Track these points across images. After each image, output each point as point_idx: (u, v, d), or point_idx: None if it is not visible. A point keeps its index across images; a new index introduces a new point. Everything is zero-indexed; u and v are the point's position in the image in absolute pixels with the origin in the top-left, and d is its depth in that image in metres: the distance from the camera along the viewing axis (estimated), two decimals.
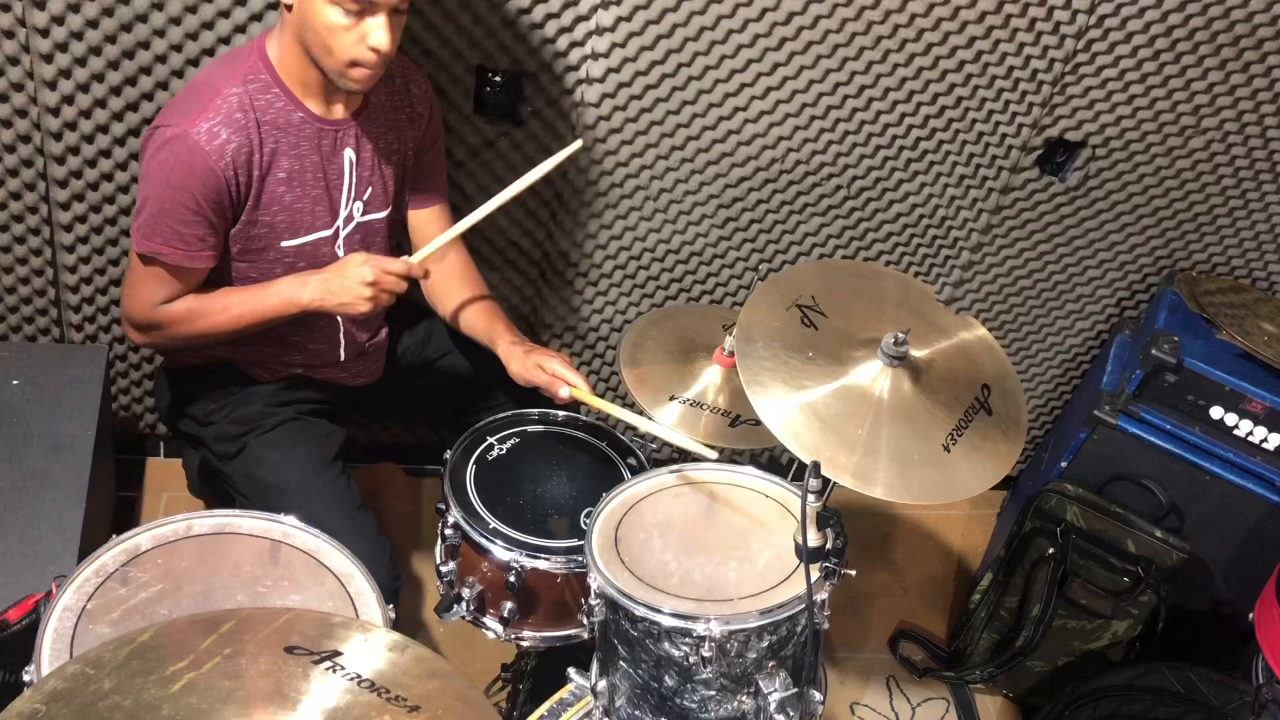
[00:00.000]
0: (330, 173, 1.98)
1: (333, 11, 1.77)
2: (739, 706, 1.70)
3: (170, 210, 1.85)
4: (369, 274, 1.91)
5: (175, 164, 1.83)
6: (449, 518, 1.98)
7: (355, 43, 1.81)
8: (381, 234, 2.11)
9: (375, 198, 2.06)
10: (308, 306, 1.96)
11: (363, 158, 2.01)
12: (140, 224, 1.88)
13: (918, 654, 2.81)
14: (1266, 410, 2.41)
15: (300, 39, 1.84)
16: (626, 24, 2.24)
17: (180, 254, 1.89)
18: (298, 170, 1.94)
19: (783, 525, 1.82)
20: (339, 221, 2.02)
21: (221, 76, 1.88)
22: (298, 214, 1.97)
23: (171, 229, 1.87)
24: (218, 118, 1.84)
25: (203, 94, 1.86)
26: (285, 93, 1.90)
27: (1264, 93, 2.49)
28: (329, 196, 2.00)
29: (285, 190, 1.94)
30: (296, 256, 2.01)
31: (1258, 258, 2.81)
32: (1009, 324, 2.92)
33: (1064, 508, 2.53)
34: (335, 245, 2.04)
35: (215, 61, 1.98)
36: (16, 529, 2.04)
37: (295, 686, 1.28)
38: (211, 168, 1.84)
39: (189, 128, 1.83)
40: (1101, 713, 2.36)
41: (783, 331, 1.94)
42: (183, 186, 1.84)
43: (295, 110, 1.91)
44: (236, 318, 1.98)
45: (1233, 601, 2.60)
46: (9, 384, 2.30)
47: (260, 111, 1.88)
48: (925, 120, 2.49)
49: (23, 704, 1.19)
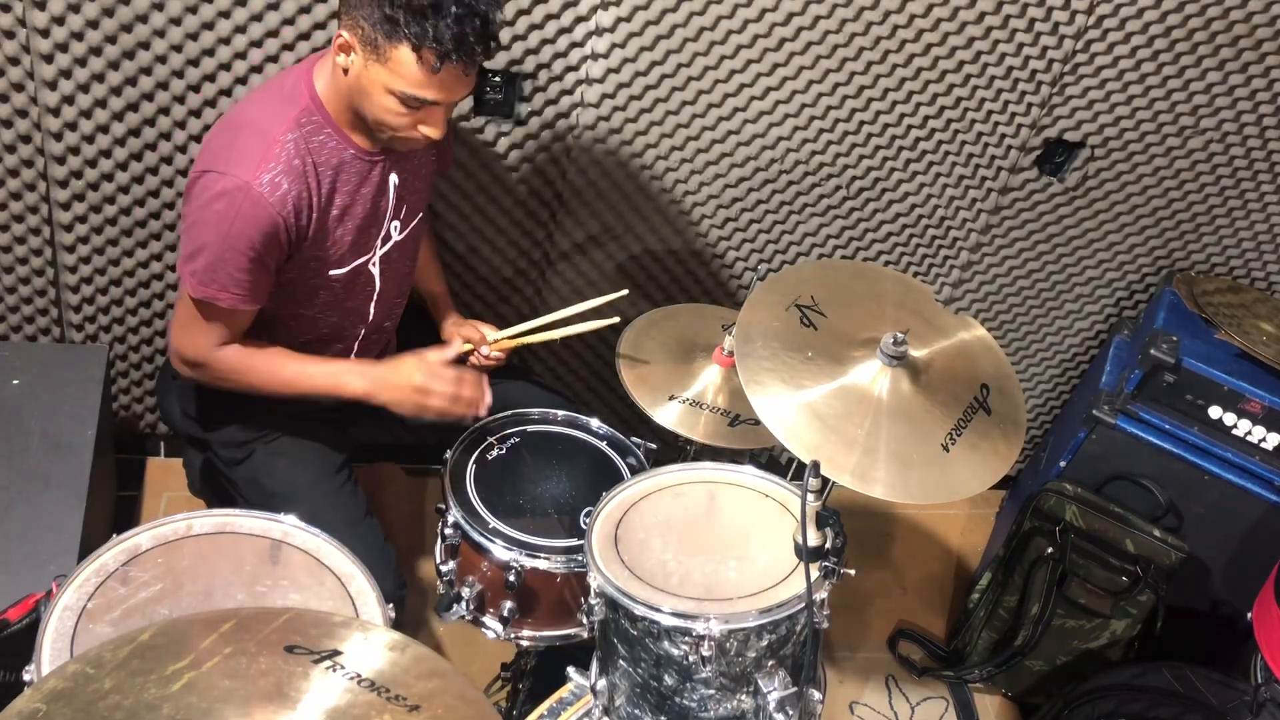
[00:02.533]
0: (380, 202, 1.98)
1: (392, 101, 1.78)
2: (738, 705, 1.70)
3: (229, 259, 1.83)
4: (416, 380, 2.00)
5: (236, 216, 1.80)
6: (449, 517, 1.98)
7: (408, 127, 1.82)
8: (414, 245, 2.13)
9: (410, 212, 2.07)
10: (356, 395, 2.00)
11: (404, 179, 2.01)
12: (196, 269, 1.85)
13: (917, 653, 2.81)
14: (1265, 410, 2.42)
15: (352, 100, 1.84)
16: (626, 24, 2.24)
17: (236, 299, 1.87)
18: (350, 205, 1.94)
19: (782, 525, 1.82)
20: (377, 242, 2.03)
21: (275, 119, 1.84)
22: (346, 246, 1.97)
23: (230, 276, 1.84)
24: (278, 167, 1.81)
25: (258, 140, 1.82)
26: (337, 132, 1.88)
27: (1262, 93, 2.50)
28: (374, 224, 2.00)
29: (338, 226, 1.94)
30: (340, 283, 2.01)
31: (1256, 258, 2.81)
32: (1008, 324, 2.93)
33: (1063, 507, 2.53)
34: (371, 264, 2.04)
35: (261, 97, 1.92)
36: (16, 529, 2.04)
37: (295, 686, 1.29)
38: (274, 219, 1.82)
39: (250, 180, 1.79)
40: (1100, 712, 2.36)
41: (782, 331, 1.94)
42: (243, 237, 1.81)
43: (347, 148, 1.90)
44: (285, 382, 1.99)
45: (1231, 601, 2.60)
46: (9, 384, 2.30)
47: (315, 154, 1.86)
48: (924, 121, 2.49)
49: (23, 703, 1.19)
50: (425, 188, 2.11)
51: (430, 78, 1.73)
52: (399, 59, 1.72)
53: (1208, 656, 2.46)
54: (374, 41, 1.72)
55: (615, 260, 2.62)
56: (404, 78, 1.73)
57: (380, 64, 1.73)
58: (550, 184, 2.47)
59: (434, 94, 1.76)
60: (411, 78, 1.73)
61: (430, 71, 1.72)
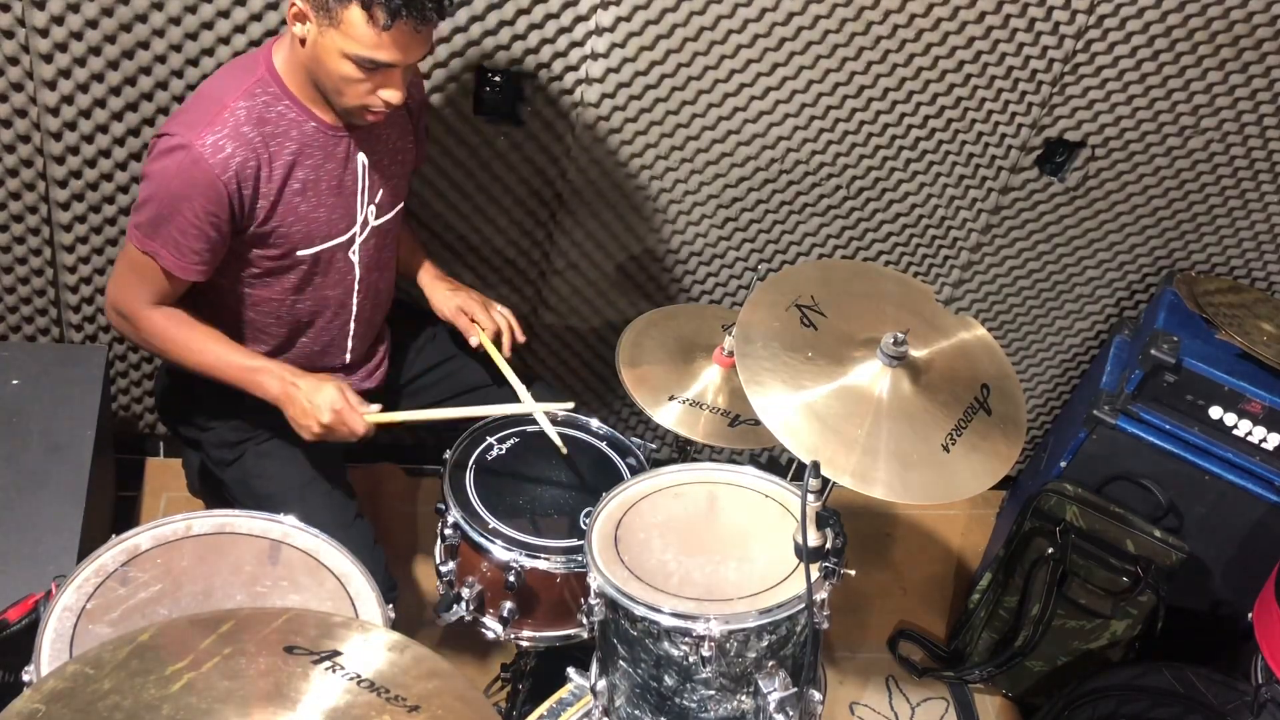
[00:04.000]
0: (346, 180, 1.98)
1: (347, 66, 1.77)
2: (738, 706, 1.70)
3: (169, 217, 1.84)
4: (332, 408, 1.91)
5: (177, 173, 1.82)
6: (448, 517, 1.98)
7: (367, 93, 1.82)
8: (392, 235, 2.12)
9: (386, 199, 2.06)
10: (267, 397, 1.96)
11: (374, 160, 2.01)
12: (139, 222, 1.88)
13: (917, 654, 2.81)
14: (1265, 410, 2.42)
15: (310, 73, 1.84)
16: (626, 24, 2.24)
17: (173, 261, 1.88)
18: (313, 180, 1.93)
19: (782, 525, 1.82)
20: (355, 228, 2.02)
21: (230, 89, 1.86)
22: (314, 223, 1.96)
23: (170, 235, 1.86)
24: (224, 130, 1.83)
25: (210, 105, 1.85)
26: (296, 104, 1.89)
27: (1263, 93, 2.49)
28: (345, 204, 1.99)
29: (301, 201, 1.93)
30: (312, 265, 2.00)
31: (1257, 258, 2.81)
32: (1008, 324, 2.92)
33: (1063, 507, 2.53)
34: (350, 251, 2.03)
35: (223, 71, 1.96)
36: (16, 529, 2.04)
37: (295, 686, 1.28)
38: (213, 181, 1.82)
39: (194, 139, 1.81)
40: (1100, 712, 2.36)
41: (782, 331, 1.94)
42: (184, 196, 1.82)
43: (308, 120, 1.90)
44: (203, 363, 1.97)
45: (1232, 601, 2.60)
46: (9, 384, 2.30)
47: (272, 124, 1.87)
48: (924, 121, 2.49)
49: (22, 704, 1.19)
50: (401, 174, 2.09)
51: (381, 36, 1.72)
52: (350, 20, 1.71)
53: (1208, 657, 2.46)
54: (325, 5, 1.72)
55: (615, 260, 2.62)
56: (356, 39, 1.73)
57: (333, 28, 1.73)
58: (550, 184, 2.46)
59: (387, 54, 1.75)
60: (363, 38, 1.73)
61: (381, 30, 1.71)
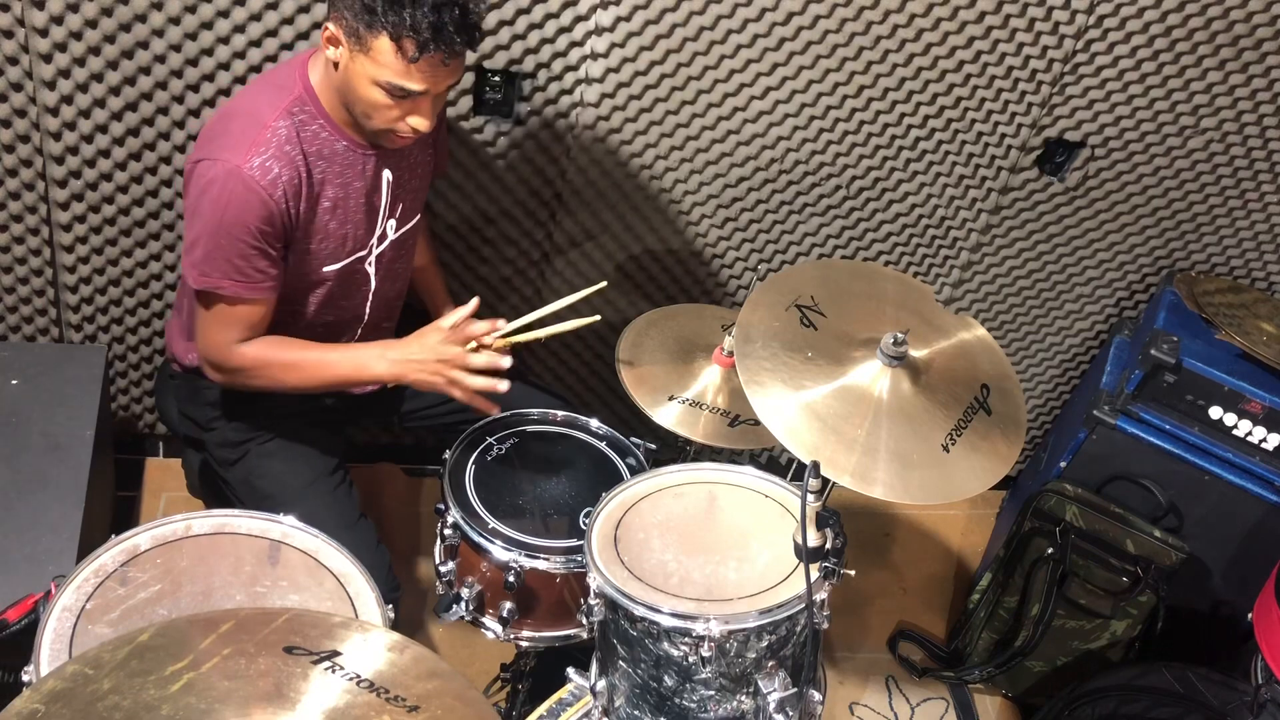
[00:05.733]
0: (373, 197, 1.98)
1: (377, 93, 1.78)
2: (738, 706, 1.70)
3: (225, 245, 1.83)
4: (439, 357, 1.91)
5: (229, 200, 1.80)
6: (448, 518, 1.98)
7: (396, 119, 1.82)
8: (409, 245, 2.12)
9: (406, 211, 2.06)
10: (381, 379, 1.96)
11: (399, 176, 2.01)
12: (195, 260, 1.85)
13: (917, 654, 2.81)
14: (1265, 410, 2.41)
15: (341, 95, 1.84)
16: (625, 24, 2.24)
17: (239, 286, 1.86)
18: (343, 198, 1.93)
19: (782, 525, 1.82)
20: (373, 240, 2.02)
21: (267, 106, 1.85)
22: (340, 240, 1.97)
23: (229, 262, 1.84)
24: (269, 151, 1.82)
25: (249, 125, 1.83)
26: (329, 124, 1.89)
27: (1263, 93, 2.49)
28: (369, 220, 1.99)
29: (330, 218, 1.93)
30: (334, 280, 2.01)
31: (1256, 258, 2.81)
32: (1008, 324, 2.92)
33: (1063, 508, 2.53)
34: (367, 263, 2.04)
35: (254, 87, 1.95)
36: (16, 529, 2.04)
37: (295, 686, 1.28)
38: (265, 202, 1.82)
39: (240, 163, 1.80)
40: (1100, 712, 2.36)
41: (782, 331, 1.94)
42: (238, 222, 1.81)
43: (339, 140, 1.90)
44: (309, 374, 1.96)
45: (1232, 601, 2.60)
46: (9, 384, 2.30)
47: (306, 143, 1.87)
48: (924, 121, 2.49)
49: (22, 704, 1.19)
50: (421, 187, 2.10)
51: (410, 67, 1.73)
52: (379, 49, 1.72)
53: (1208, 657, 2.46)
54: (356, 32, 1.73)
55: (615, 260, 2.62)
56: (386, 67, 1.74)
57: (364, 55, 1.74)
58: (550, 184, 2.46)
59: (416, 83, 1.76)
60: (392, 67, 1.74)
61: (409, 60, 1.72)
